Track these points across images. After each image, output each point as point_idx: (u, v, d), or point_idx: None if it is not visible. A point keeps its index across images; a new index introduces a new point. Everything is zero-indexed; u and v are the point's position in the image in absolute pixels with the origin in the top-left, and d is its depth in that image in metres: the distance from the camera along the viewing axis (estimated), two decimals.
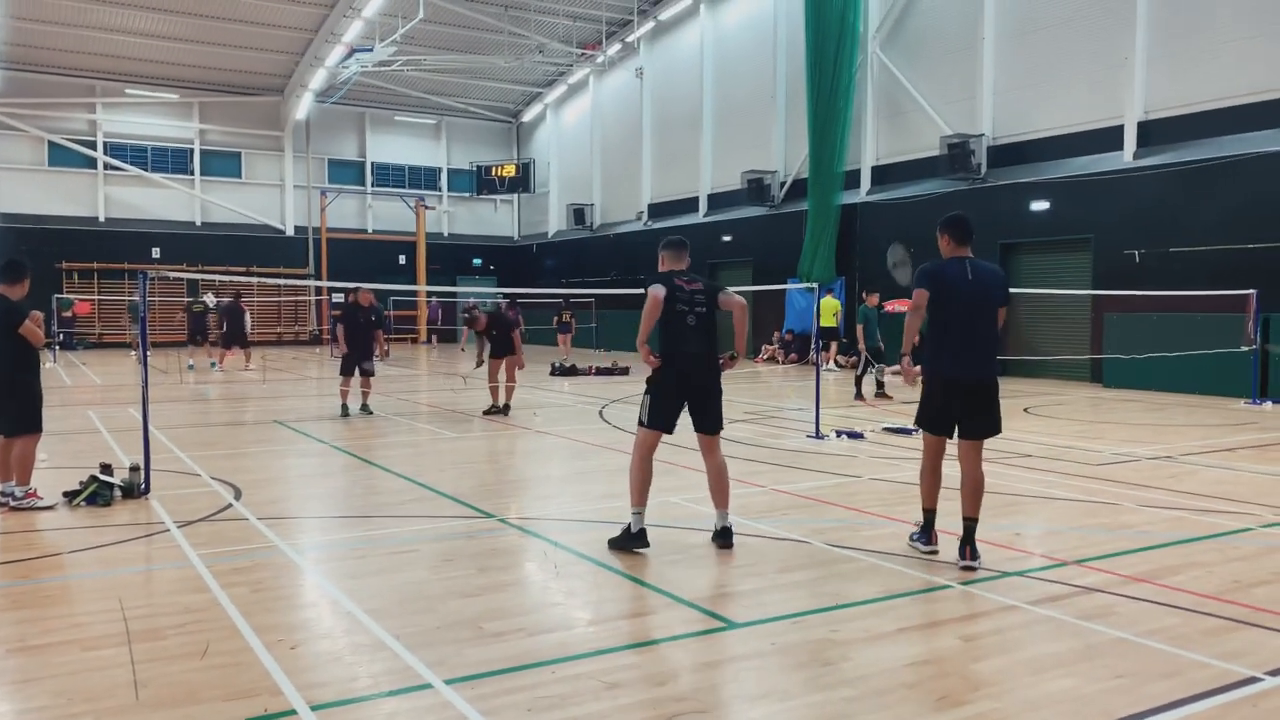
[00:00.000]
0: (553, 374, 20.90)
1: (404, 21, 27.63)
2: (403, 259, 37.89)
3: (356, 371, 13.16)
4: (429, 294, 37.10)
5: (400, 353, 29.89)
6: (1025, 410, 14.64)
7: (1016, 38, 21.27)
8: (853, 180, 24.79)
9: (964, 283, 5.73)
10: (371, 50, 28.41)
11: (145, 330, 7.87)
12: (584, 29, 32.55)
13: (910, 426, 11.74)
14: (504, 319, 13.59)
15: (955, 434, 5.78)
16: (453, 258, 39.43)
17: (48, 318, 22.41)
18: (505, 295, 24.20)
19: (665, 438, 6.07)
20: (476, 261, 40.41)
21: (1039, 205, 20.68)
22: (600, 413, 13.84)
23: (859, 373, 16.49)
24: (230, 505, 7.24)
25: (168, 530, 6.42)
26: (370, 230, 38.35)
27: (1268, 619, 4.67)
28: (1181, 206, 17.98)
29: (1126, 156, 19.17)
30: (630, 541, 5.90)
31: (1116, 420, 13.19)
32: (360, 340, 13.15)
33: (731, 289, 6.33)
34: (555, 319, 26.30)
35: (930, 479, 5.93)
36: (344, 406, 13.24)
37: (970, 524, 5.60)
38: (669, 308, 5.93)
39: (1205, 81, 17.97)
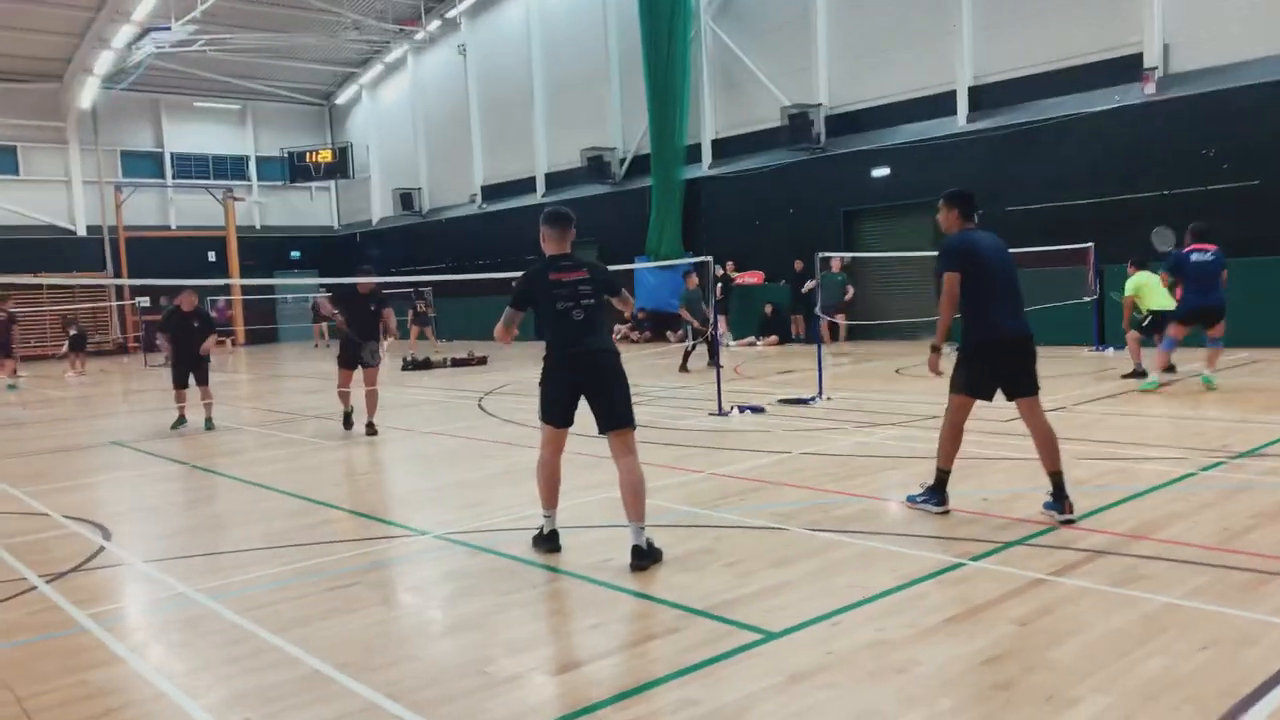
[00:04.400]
0: (405, 369, 19.72)
1: None
2: (212, 255, 35.12)
3: (190, 380, 11.80)
4: (324, 287, 33.97)
5: (220, 355, 27.65)
6: (897, 372, 14.88)
7: (848, 7, 21.62)
8: (694, 154, 24.67)
9: (989, 248, 5.84)
10: (169, 29, 25.92)
11: None
12: (400, 5, 30.96)
13: (805, 396, 11.70)
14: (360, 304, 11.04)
15: (998, 396, 5.84)
16: (268, 251, 36.87)
17: None
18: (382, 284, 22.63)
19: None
20: (295, 254, 38.00)
21: (879, 172, 21.16)
22: (480, 405, 13.03)
23: (689, 347, 16.63)
24: (102, 548, 6.11)
25: (35, 589, 5.29)
26: (174, 226, 35.33)
27: None
28: (1014, 167, 18.77)
29: (960, 121, 19.85)
30: (542, 543, 5.45)
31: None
32: (189, 347, 11.71)
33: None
34: (410, 310, 24.94)
35: (955, 440, 5.96)
36: (180, 418, 11.84)
37: (1058, 477, 5.64)
38: (548, 305, 5.30)
39: (1030, 47, 18.78)
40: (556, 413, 5.36)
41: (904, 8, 20.62)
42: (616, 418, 5.27)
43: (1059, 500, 5.64)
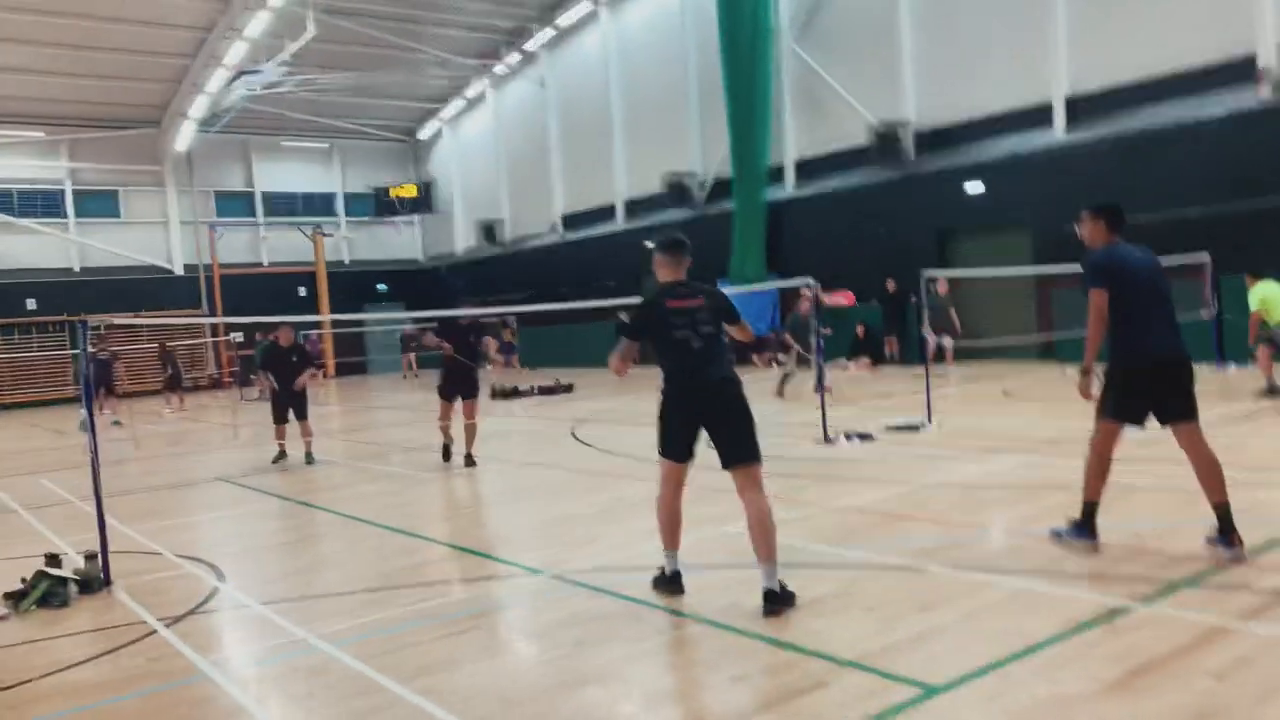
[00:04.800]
0: (493, 397, 19.73)
1: (290, 41, 26.01)
2: (303, 290, 35.92)
3: (290, 415, 11.91)
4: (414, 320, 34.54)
5: (312, 388, 28.15)
6: (1004, 394, 14.30)
7: (934, 20, 21.14)
8: (777, 176, 24.36)
9: (1139, 262, 5.49)
10: (261, 72, 26.67)
11: (90, 389, 6.54)
12: (480, 40, 31.41)
13: (915, 421, 11.25)
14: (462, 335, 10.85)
15: (1150, 421, 5.45)
16: (356, 285, 37.58)
17: None
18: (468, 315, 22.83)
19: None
20: (381, 287, 38.65)
21: (974, 188, 20.55)
22: (574, 434, 12.86)
23: (788, 371, 16.23)
24: (217, 589, 6.05)
25: (154, 632, 5.21)
26: (266, 263, 36.28)
27: None
28: (1117, 180, 17.97)
29: (1057, 133, 19.18)
30: (664, 585, 5.19)
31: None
32: (287, 382, 11.84)
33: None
34: (496, 340, 25.10)
35: (1103, 470, 5.54)
36: (281, 453, 11.92)
37: (1224, 509, 5.21)
38: (665, 334, 5.04)
39: (1129, 54, 18.05)
40: (678, 447, 5.10)
41: (992, 19, 20.06)
42: (742, 451, 4.99)
43: (1226, 534, 5.18)
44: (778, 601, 4.75)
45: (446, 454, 10.89)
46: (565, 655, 4.43)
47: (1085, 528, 5.53)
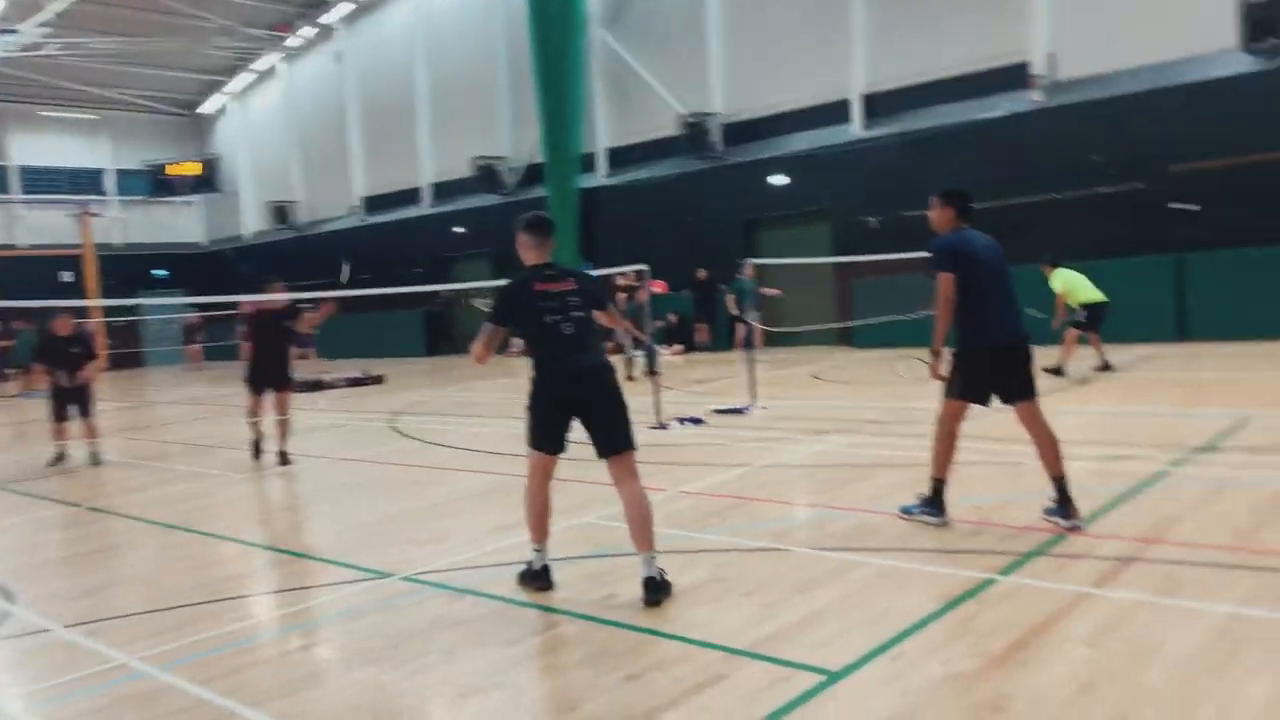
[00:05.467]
0: (298, 391, 18.54)
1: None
2: (67, 275, 32.67)
3: (72, 413, 10.74)
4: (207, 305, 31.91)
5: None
6: (815, 377, 14.83)
7: (739, 16, 21.66)
8: (589, 164, 24.29)
9: (984, 248, 5.65)
10: (17, 32, 23.91)
11: None
12: (271, 10, 29.54)
13: (739, 405, 11.44)
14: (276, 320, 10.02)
15: (994, 401, 5.66)
16: (130, 270, 34.58)
17: None
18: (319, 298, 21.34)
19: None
20: (160, 273, 35.80)
21: (778, 180, 21.24)
22: (394, 427, 12.27)
23: (629, 357, 16.31)
24: (8, 613, 5.26)
25: None
26: (24, 245, 32.75)
27: None
28: (910, 174, 19.02)
29: (856, 129, 20.10)
30: (532, 580, 4.96)
31: (906, 378, 13.57)
32: (68, 375, 10.66)
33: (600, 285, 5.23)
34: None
35: (950, 448, 5.70)
36: (59, 454, 10.72)
37: (1062, 482, 5.45)
38: (534, 319, 4.79)
39: (922, 56, 19.15)
40: (550, 438, 4.85)
41: (795, 17, 20.78)
42: (620, 440, 4.83)
43: (1064, 506, 5.47)
44: (658, 590, 4.62)
45: (256, 451, 10.09)
46: (437, 664, 4.10)
47: (935, 504, 5.71)
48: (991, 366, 5.59)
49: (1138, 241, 16.48)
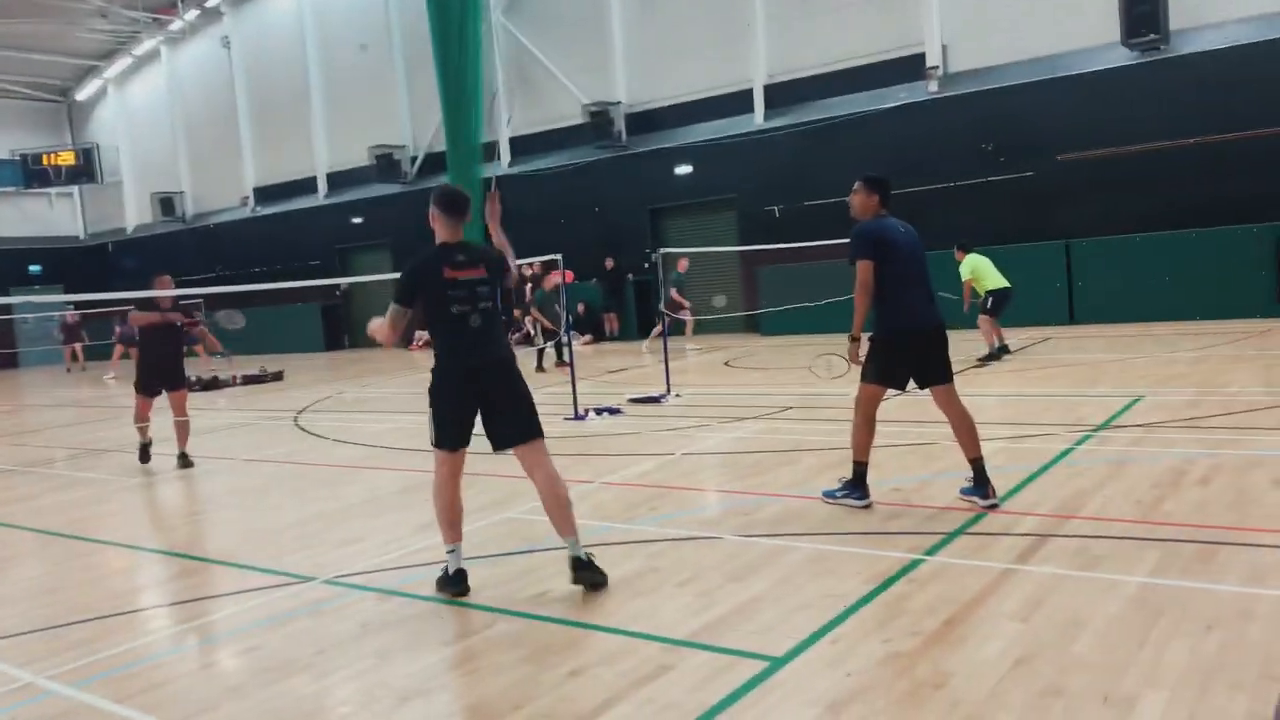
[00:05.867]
0: (191, 390, 17.82)
1: None
2: None
3: None
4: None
5: None
6: (726, 364, 14.98)
7: (644, 5, 21.66)
8: (491, 152, 23.95)
9: (902, 236, 5.74)
10: None
11: None
12: None
13: (655, 394, 11.46)
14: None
15: (911, 385, 5.79)
16: (2, 265, 32.74)
17: None
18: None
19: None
20: (34, 268, 33.96)
21: (682, 170, 21.34)
22: (298, 425, 11.91)
23: (540, 346, 16.23)
24: None
25: None
26: None
27: (1219, 534, 4.75)
28: (812, 163, 19.40)
29: (758, 119, 20.34)
30: (449, 585, 4.75)
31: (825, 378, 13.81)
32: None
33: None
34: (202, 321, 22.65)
35: (870, 431, 5.79)
36: None
37: (979, 463, 5.62)
38: (441, 308, 4.63)
39: (821, 47, 19.49)
40: (455, 434, 4.71)
41: (698, 7, 20.88)
42: (528, 428, 4.74)
43: (981, 485, 5.63)
44: (590, 570, 4.62)
45: (145, 455, 9.60)
46: (371, 669, 3.97)
47: (858, 487, 5.81)
48: (909, 351, 5.70)
49: (1028, 228, 17.13)
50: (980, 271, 12.55)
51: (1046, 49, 17.00)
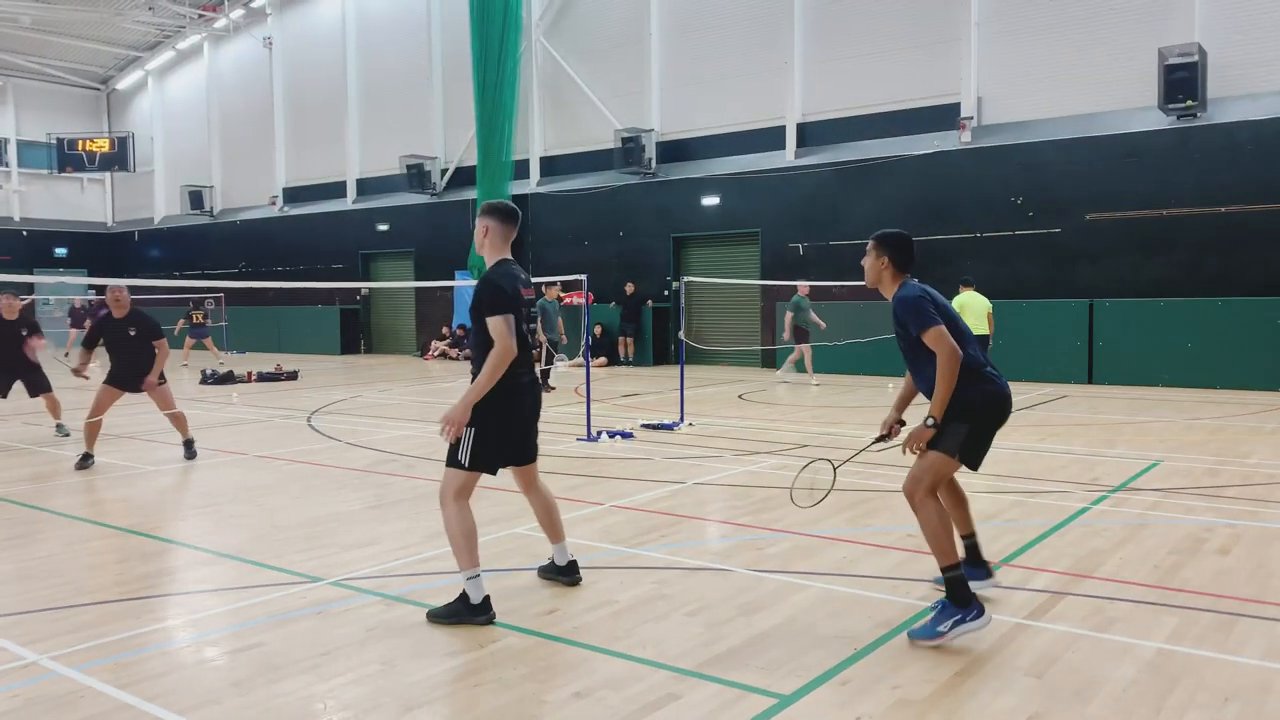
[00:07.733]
0: (204, 383, 17.96)
1: None
2: None
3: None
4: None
5: None
6: (740, 397, 14.94)
7: (681, 35, 21.83)
8: (522, 170, 24.13)
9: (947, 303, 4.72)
10: None
11: None
12: None
13: (667, 421, 11.44)
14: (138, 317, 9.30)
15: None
16: (28, 247, 33.10)
17: None
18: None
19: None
20: (60, 251, 34.29)
21: (709, 200, 21.41)
22: (311, 425, 11.92)
23: (541, 366, 16.19)
24: None
25: None
26: None
27: (1239, 605, 4.69)
28: (839, 203, 19.45)
29: (788, 155, 20.40)
30: (470, 614, 4.47)
31: (832, 404, 13.79)
32: (9, 354, 10.50)
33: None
34: (185, 320, 22.86)
35: (948, 520, 4.49)
36: None
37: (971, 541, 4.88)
38: (515, 325, 4.57)
39: (857, 89, 19.57)
40: (495, 454, 4.63)
41: (736, 41, 21.03)
42: (533, 453, 4.97)
43: (978, 566, 4.82)
44: (576, 572, 5.09)
45: (85, 462, 9.02)
46: (376, 674, 3.95)
47: (965, 598, 4.29)
48: (999, 421, 4.60)
49: (1052, 284, 17.10)
50: (966, 310, 12.71)
51: (1083, 107, 17.03)
